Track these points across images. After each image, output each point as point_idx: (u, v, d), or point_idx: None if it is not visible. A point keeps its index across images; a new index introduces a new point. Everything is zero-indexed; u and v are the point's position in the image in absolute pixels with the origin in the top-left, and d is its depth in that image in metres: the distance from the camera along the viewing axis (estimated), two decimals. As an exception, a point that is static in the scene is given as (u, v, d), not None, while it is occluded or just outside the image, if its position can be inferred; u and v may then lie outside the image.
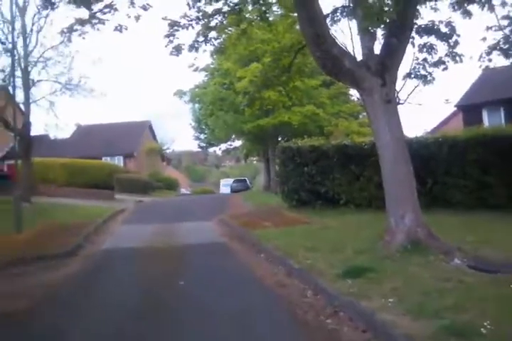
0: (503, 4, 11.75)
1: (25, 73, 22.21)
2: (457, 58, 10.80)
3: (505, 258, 7.60)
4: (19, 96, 22.12)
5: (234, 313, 6.05)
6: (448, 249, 8.06)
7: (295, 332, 5.31)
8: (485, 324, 4.58)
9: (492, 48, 13.18)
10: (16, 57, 20.11)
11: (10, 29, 19.05)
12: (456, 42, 10.74)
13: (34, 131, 24.97)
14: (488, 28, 13.42)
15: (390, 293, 5.97)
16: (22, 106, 23.23)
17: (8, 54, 19.40)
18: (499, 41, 13.01)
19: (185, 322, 5.82)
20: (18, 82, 21.13)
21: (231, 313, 6.06)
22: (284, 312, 6.08)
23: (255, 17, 13.44)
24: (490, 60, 13.35)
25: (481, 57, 13.34)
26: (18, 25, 21.14)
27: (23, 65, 22.01)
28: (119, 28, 11.16)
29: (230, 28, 13.43)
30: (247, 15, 13.34)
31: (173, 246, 11.75)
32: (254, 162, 65.44)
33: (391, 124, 9.13)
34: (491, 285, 6.06)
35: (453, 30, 10.68)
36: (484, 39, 13.47)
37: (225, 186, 50.32)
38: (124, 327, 5.72)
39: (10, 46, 18.50)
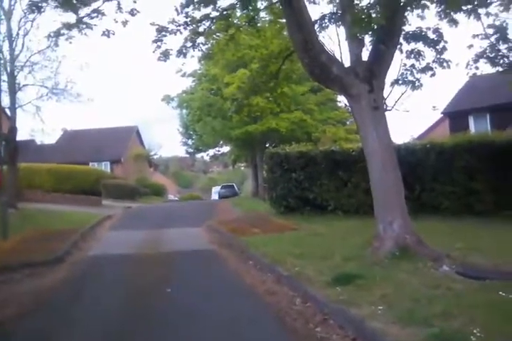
0: (488, 14, 11.84)
1: (12, 77, 22.02)
2: (444, 64, 10.86)
3: (494, 265, 7.64)
4: (5, 100, 21.87)
5: (222, 320, 6.00)
6: (437, 256, 8.07)
7: (284, 340, 5.26)
8: (474, 331, 4.57)
9: (479, 56, 13.28)
10: (2, 62, 19.98)
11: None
12: (444, 49, 10.80)
13: (20, 136, 24.73)
14: (475, 36, 13.53)
15: (379, 300, 5.94)
16: (8, 111, 23.01)
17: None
18: (485, 49, 13.12)
19: (172, 328, 5.77)
20: (4, 86, 20.91)
21: (219, 320, 6.01)
22: (273, 319, 6.02)
23: (243, 23, 13.47)
24: (477, 68, 13.45)
25: (468, 64, 13.44)
26: (3, 28, 21.00)
27: (9, 69, 21.82)
28: (106, 33, 11.14)
29: (218, 34, 13.42)
30: (235, 21, 13.36)
31: (161, 253, 11.67)
32: (242, 168, 65.45)
33: (379, 131, 9.14)
34: (480, 292, 6.06)
35: (440, 36, 10.75)
36: (471, 46, 13.57)
37: (216, 193, 50.16)
38: (112, 333, 5.67)
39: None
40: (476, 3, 10.46)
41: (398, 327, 4.96)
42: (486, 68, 15.50)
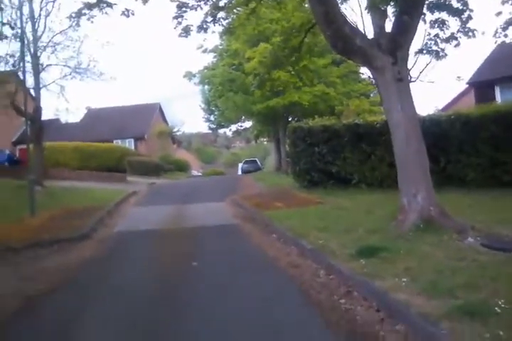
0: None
1: (35, 58, 22.16)
2: (470, 34, 10.63)
3: (520, 237, 7.56)
4: (29, 81, 22.17)
5: (246, 293, 6.11)
6: (461, 228, 8.01)
7: (309, 312, 5.32)
8: (499, 303, 4.57)
9: (508, 23, 12.92)
10: (25, 43, 20.07)
11: (18, 14, 18.88)
12: (469, 18, 10.53)
13: (45, 116, 24.97)
14: (504, 2, 13.15)
15: (403, 272, 5.96)
16: (32, 91, 23.23)
17: (18, 39, 19.31)
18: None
19: (199, 300, 5.91)
20: (28, 67, 21.10)
21: (244, 293, 6.12)
22: (297, 292, 6.10)
23: (264, -5, 13.31)
24: (506, 36, 13.11)
25: (496, 32, 13.12)
26: (26, 10, 21.04)
27: (32, 50, 21.95)
28: (126, 12, 11.11)
29: (238, 8, 13.30)
30: (255, -6, 13.20)
31: (186, 228, 11.82)
32: (265, 143, 65.34)
33: (403, 103, 9.01)
34: (505, 263, 6.02)
35: (465, 5, 10.46)
36: (499, 13, 13.22)
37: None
38: (141, 306, 5.81)
39: (19, 31, 18.39)
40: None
41: (422, 298, 4.98)
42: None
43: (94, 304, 6.09)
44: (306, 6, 12.71)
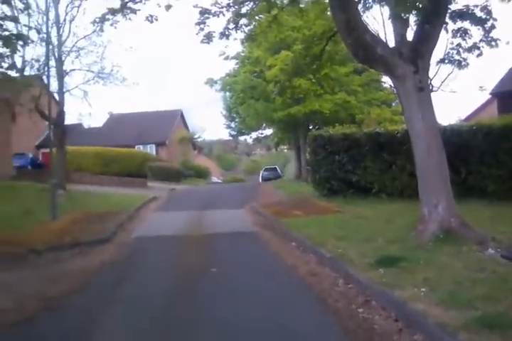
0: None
1: (59, 63, 22.51)
2: (493, 43, 10.55)
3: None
4: (53, 85, 22.45)
5: (265, 301, 6.10)
6: (482, 239, 7.95)
7: (326, 321, 5.32)
8: (519, 315, 4.53)
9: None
10: (50, 47, 20.40)
11: (44, 19, 19.21)
12: (492, 27, 10.46)
13: (68, 120, 25.37)
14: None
15: (422, 282, 5.92)
16: (56, 96, 23.58)
17: (43, 43, 19.65)
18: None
19: (217, 307, 5.92)
20: (52, 71, 21.41)
21: (262, 300, 6.13)
22: (315, 300, 6.10)
23: (286, 3, 13.35)
24: (530, 45, 13.00)
25: (519, 42, 12.99)
26: (51, 15, 21.40)
27: (56, 54, 22.30)
28: (149, 18, 11.24)
29: (260, 15, 13.37)
30: (278, 2, 13.26)
31: (205, 234, 11.87)
32: (285, 150, 65.28)
33: (424, 112, 8.98)
34: (526, 275, 5.96)
35: (489, 14, 10.39)
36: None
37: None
38: (159, 309, 5.84)
39: (44, 36, 18.72)
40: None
41: (441, 309, 4.95)
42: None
43: (112, 306, 6.16)
44: (328, 13, 12.72)
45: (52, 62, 21.64)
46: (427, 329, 4.57)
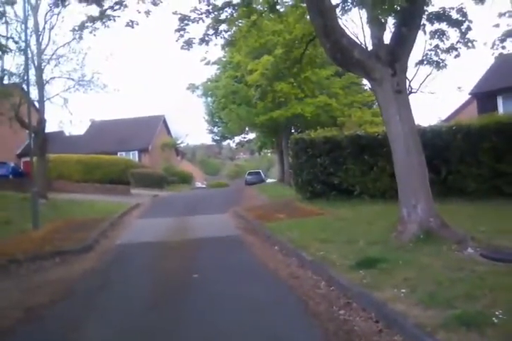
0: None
1: (39, 71, 22.40)
2: (469, 44, 10.71)
3: (520, 247, 7.56)
4: (33, 93, 22.30)
5: (246, 304, 6.12)
6: (461, 239, 8.02)
7: (307, 323, 5.33)
8: (496, 313, 4.58)
9: (506, 35, 13.00)
10: (30, 56, 20.26)
11: (23, 28, 19.09)
12: (468, 28, 10.64)
13: (49, 128, 25.21)
14: (501, 15, 13.25)
15: (402, 283, 5.97)
16: (37, 104, 23.41)
17: (22, 53, 19.52)
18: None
19: (197, 312, 5.92)
20: (32, 79, 21.26)
21: (243, 304, 6.13)
22: (296, 303, 6.11)
23: (265, 8, 13.40)
24: (504, 48, 13.19)
25: (494, 44, 13.20)
26: (30, 23, 21.29)
27: (36, 62, 22.19)
28: (130, 23, 11.25)
29: (240, 21, 13.41)
30: (257, 7, 13.31)
31: (188, 240, 11.83)
32: (269, 154, 65.47)
33: (402, 114, 9.06)
34: (504, 274, 6.02)
35: (464, 16, 10.57)
36: (497, 26, 13.32)
37: None
38: (141, 317, 5.82)
39: (23, 45, 18.60)
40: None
41: (420, 309, 5.00)
42: (513, 47, 15.20)
43: (93, 314, 6.12)
44: (308, 17, 12.80)
45: (32, 71, 21.51)
46: (406, 330, 4.61)
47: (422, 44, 10.77)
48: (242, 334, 5.08)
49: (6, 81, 21.54)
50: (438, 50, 10.88)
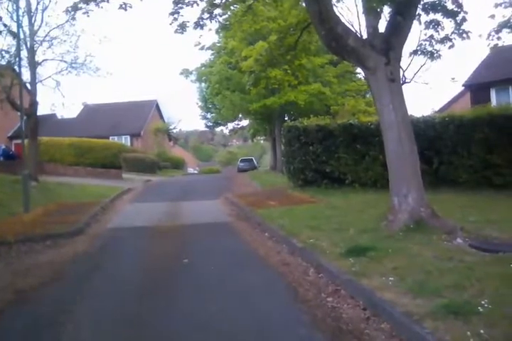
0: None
1: (31, 52, 22.08)
2: (464, 35, 10.67)
3: (509, 238, 7.61)
4: (25, 75, 22.02)
5: (235, 290, 6.16)
6: (451, 229, 8.08)
7: (296, 309, 5.37)
8: (482, 302, 4.63)
9: (502, 26, 12.96)
10: (22, 37, 20.01)
11: (15, 8, 18.81)
12: (464, 19, 10.57)
13: (41, 111, 24.98)
14: (497, 5, 13.21)
15: (391, 271, 6.02)
16: (28, 86, 23.18)
17: (13, 36, 19.26)
18: (510, 19, 12.80)
19: (186, 297, 5.95)
20: (24, 61, 21.00)
21: (232, 289, 6.18)
22: (285, 289, 6.15)
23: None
24: (499, 39, 13.16)
25: (489, 35, 13.16)
26: (22, 3, 21.00)
27: (28, 44, 21.90)
28: (123, 6, 11.09)
29: (235, 5, 13.29)
30: (252, -9, 13.20)
31: (179, 225, 11.86)
32: (262, 141, 65.38)
33: (395, 103, 9.06)
34: (492, 264, 6.08)
35: (460, 6, 10.51)
36: (493, 16, 13.26)
37: None
38: (131, 300, 5.87)
39: (15, 25, 18.35)
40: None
41: (408, 297, 5.04)
42: (509, 38, 15.18)
43: (83, 297, 6.13)
44: (303, 4, 12.71)
45: (24, 52, 21.24)
46: (393, 318, 4.65)
47: (416, 34, 10.74)
48: (228, 320, 5.10)
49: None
50: (432, 41, 10.83)
